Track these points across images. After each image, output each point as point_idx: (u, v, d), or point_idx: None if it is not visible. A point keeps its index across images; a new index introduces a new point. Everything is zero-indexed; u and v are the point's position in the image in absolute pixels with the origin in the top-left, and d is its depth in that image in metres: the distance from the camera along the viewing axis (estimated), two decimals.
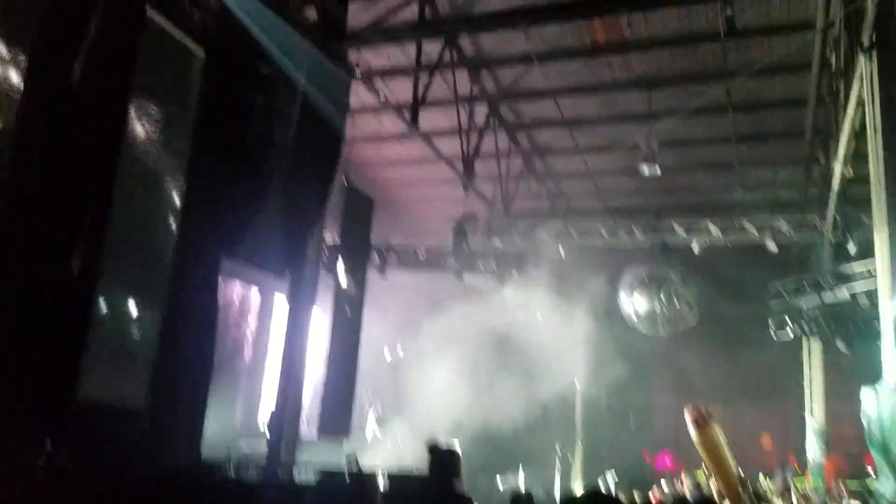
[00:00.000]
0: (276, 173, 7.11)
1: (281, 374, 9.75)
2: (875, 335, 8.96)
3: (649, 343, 17.22)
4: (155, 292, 4.84)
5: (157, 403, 4.43)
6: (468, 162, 12.27)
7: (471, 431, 13.75)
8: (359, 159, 11.95)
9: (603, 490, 12.10)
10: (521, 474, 14.94)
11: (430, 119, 11.70)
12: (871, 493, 10.56)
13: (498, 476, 14.79)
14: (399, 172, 14.82)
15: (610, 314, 15.66)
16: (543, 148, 14.42)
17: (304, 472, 6.47)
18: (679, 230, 14.57)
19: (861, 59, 8.11)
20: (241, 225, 6.72)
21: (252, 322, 15.05)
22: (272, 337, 14.95)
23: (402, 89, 11.14)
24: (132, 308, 4.51)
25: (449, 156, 12.38)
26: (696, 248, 14.52)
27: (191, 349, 5.33)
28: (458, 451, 5.44)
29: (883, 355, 7.64)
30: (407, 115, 10.86)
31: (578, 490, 13.08)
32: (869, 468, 11.81)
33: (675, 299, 14.74)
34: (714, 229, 14.35)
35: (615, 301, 15.42)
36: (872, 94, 7.80)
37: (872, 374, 8.08)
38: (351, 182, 10.43)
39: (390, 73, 11.28)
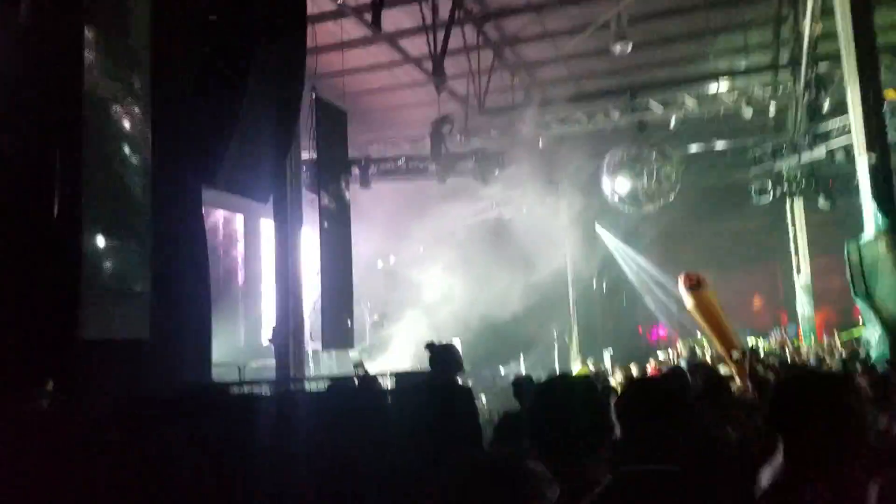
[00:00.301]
0: (242, 96, 7.01)
1: (278, 293, 9.98)
2: (853, 189, 9.15)
3: (636, 221, 17.49)
4: (140, 228, 4.88)
5: (160, 332, 4.56)
6: (437, 61, 12.02)
7: (470, 327, 14.14)
8: (326, 71, 11.68)
9: (602, 368, 12.59)
10: (522, 361, 15.48)
11: (392, 19, 11.39)
12: (859, 342, 11.00)
13: (500, 366, 15.32)
14: (368, 80, 14.53)
15: (595, 197, 15.80)
16: (512, 37, 14.10)
17: (314, 382, 6.74)
18: (655, 107, 14.53)
19: None
20: (215, 153, 6.70)
21: (241, 247, 15.20)
22: (263, 260, 15.13)
23: None
24: (119, 245, 4.57)
25: (417, 57, 12.12)
26: (672, 122, 14.54)
27: (185, 277, 5.44)
28: (457, 346, 5.67)
29: (862, 208, 7.85)
30: (368, 17, 10.57)
31: (575, 370, 13.59)
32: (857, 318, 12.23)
33: (656, 175, 14.85)
34: (689, 101, 14.32)
35: (598, 184, 15.53)
36: None
37: (854, 228, 8.31)
38: (321, 96, 10.27)
39: None
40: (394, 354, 13.53)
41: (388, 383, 5.61)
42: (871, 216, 7.62)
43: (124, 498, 2.82)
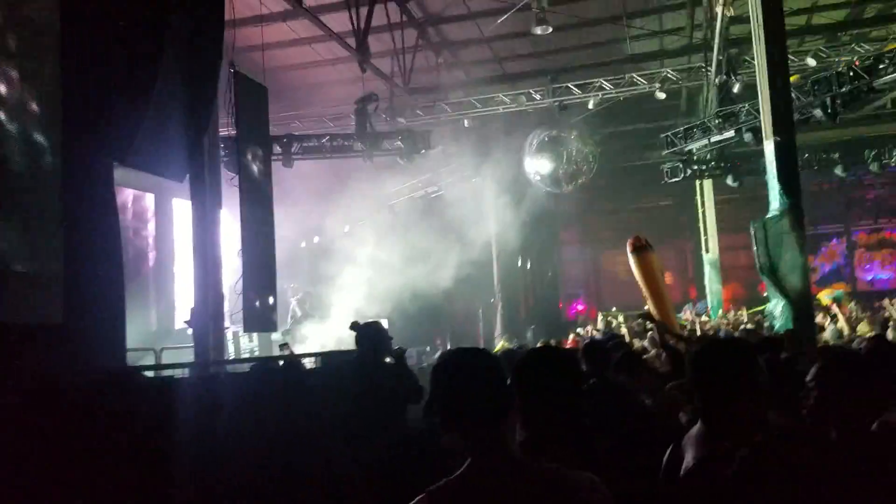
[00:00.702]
0: (156, 70, 6.75)
1: (196, 274, 9.70)
2: (760, 170, 9.60)
3: (555, 200, 17.85)
4: (49, 209, 4.67)
5: (73, 316, 4.38)
6: (360, 38, 11.86)
7: (398, 306, 14.15)
8: (245, 45, 11.33)
9: (523, 345, 12.86)
10: (449, 339, 15.65)
11: None
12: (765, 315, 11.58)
13: (427, 346, 15.43)
14: (290, 56, 14.20)
15: (516, 177, 16.02)
16: (436, 16, 14.06)
17: (236, 365, 6.61)
18: (574, 89, 14.83)
19: None
20: (128, 130, 6.44)
21: (151, 228, 14.63)
22: (176, 241, 14.66)
23: None
24: (28, 227, 4.35)
25: (340, 33, 11.92)
26: (591, 104, 14.88)
27: (98, 259, 5.23)
28: (383, 325, 5.70)
29: (768, 187, 8.24)
30: None
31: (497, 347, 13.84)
32: (763, 294, 12.87)
33: (575, 156, 15.20)
34: (607, 85, 14.68)
35: (520, 164, 15.76)
36: None
37: (760, 207, 8.73)
38: (240, 71, 9.96)
39: None
40: (321, 335, 13.41)
41: (312, 363, 5.57)
42: (776, 196, 8.03)
43: (41, 489, 2.72)
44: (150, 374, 5.50)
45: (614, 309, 17.12)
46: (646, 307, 9.47)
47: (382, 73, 13.65)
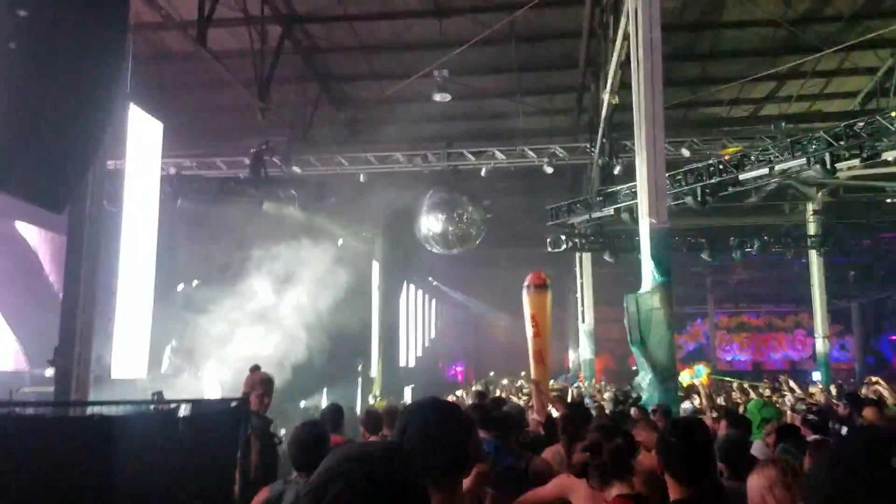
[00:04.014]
0: (48, 97, 6.51)
1: (64, 312, 9.15)
2: (635, 247, 10.25)
3: (441, 261, 18.17)
4: None
5: None
6: (263, 87, 11.89)
7: (272, 361, 13.75)
8: (146, 81, 11.07)
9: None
10: (325, 396, 15.36)
11: (219, 40, 11.14)
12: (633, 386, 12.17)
13: (302, 401, 15.06)
14: (191, 97, 13.94)
15: (401, 238, 16.24)
16: (340, 75, 14.31)
17: (100, 408, 6.16)
18: (469, 155, 15.38)
19: None
20: (10, 157, 6.14)
21: (17, 259, 13.64)
22: (44, 273, 13.72)
23: (186, 6, 10.45)
24: None
25: (243, 80, 11.90)
26: (483, 171, 15.45)
27: None
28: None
29: (642, 264, 8.78)
30: (192, 33, 10.25)
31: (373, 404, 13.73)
32: (633, 367, 13.50)
33: (466, 219, 15.62)
34: (499, 154, 15.33)
35: (410, 223, 16.00)
36: (637, 30, 8.69)
37: (634, 282, 9.26)
38: (137, 105, 9.70)
39: None
40: (195, 382, 12.82)
41: (184, 410, 5.32)
42: (648, 273, 8.56)
43: None
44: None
45: (492, 374, 17.46)
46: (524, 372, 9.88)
47: (282, 122, 13.65)
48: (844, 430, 5.56)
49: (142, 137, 10.00)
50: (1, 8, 5.84)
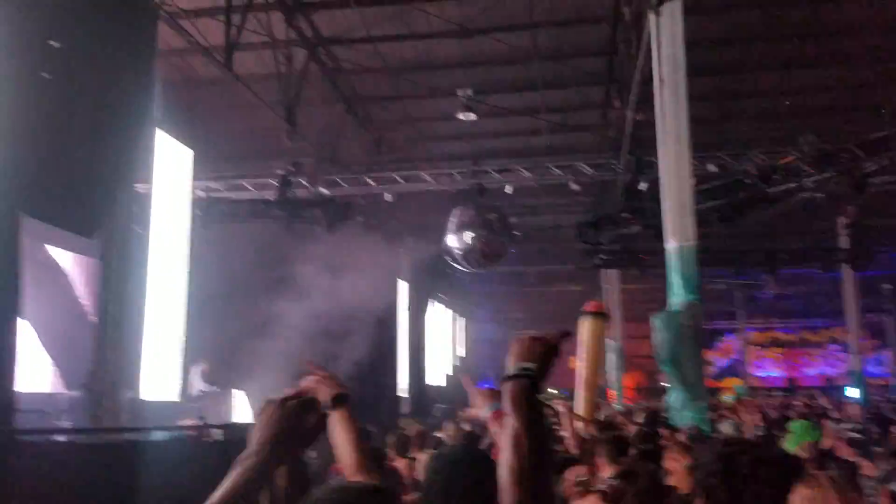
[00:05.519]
0: (79, 124, 6.67)
1: (98, 337, 9.30)
2: (663, 264, 10.12)
3: (469, 279, 18.09)
4: None
5: None
6: (289, 109, 12.06)
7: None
8: (175, 106, 11.29)
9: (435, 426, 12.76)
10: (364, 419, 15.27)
11: (246, 64, 11.34)
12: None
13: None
14: (219, 120, 14.15)
15: (434, 254, 16.23)
16: (365, 96, 14.45)
17: (138, 432, 6.28)
18: (494, 173, 15.39)
19: (650, 15, 8.94)
20: (41, 183, 6.30)
21: (50, 284, 13.89)
22: (76, 296, 13.95)
23: (213, 31, 10.66)
24: None
25: (269, 103, 12.08)
26: (509, 189, 15.43)
27: None
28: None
29: (670, 282, 8.66)
30: (220, 58, 10.44)
31: None
32: (664, 383, 13.26)
33: (491, 237, 15.57)
34: (524, 172, 15.31)
35: (436, 242, 15.99)
36: (659, 47, 8.66)
37: (663, 299, 9.15)
38: (166, 132, 9.90)
39: (199, 13, 10.72)
40: (225, 403, 12.91)
41: (222, 434, 5.39)
42: (676, 290, 8.45)
43: None
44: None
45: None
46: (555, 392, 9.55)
47: (309, 143, 13.80)
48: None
49: (170, 163, 10.19)
50: (34, 39, 6.02)
